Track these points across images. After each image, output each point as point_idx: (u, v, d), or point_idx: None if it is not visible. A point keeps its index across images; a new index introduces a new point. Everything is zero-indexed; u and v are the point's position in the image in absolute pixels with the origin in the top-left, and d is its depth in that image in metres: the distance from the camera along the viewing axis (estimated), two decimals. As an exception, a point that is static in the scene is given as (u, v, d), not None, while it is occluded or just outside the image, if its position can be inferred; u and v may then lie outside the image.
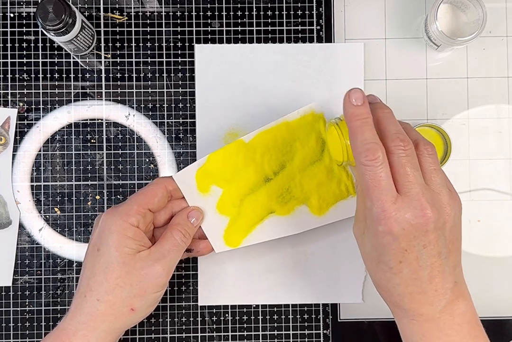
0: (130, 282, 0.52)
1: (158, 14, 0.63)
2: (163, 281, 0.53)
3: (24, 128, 0.62)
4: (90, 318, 0.52)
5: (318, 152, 0.58)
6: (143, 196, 0.55)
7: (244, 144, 0.57)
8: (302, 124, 0.58)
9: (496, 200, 0.63)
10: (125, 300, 0.52)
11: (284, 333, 0.62)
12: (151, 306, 0.54)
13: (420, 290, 0.47)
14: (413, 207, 0.45)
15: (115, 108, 0.63)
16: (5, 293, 0.61)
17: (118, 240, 0.52)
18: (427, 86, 0.63)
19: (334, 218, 0.58)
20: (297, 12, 0.63)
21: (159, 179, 0.57)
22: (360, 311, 0.62)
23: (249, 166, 0.57)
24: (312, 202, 0.58)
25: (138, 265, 0.52)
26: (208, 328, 0.62)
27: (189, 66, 0.63)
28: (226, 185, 0.57)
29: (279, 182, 0.58)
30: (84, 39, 0.59)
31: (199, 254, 0.59)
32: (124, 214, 0.53)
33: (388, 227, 0.45)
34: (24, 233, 0.62)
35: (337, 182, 0.58)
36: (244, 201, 0.58)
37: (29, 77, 0.63)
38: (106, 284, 0.52)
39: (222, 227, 0.58)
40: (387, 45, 0.64)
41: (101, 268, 0.52)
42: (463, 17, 0.61)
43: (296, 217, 0.58)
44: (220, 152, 0.57)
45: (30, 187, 0.62)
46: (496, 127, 0.63)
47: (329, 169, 0.58)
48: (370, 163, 0.45)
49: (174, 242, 0.54)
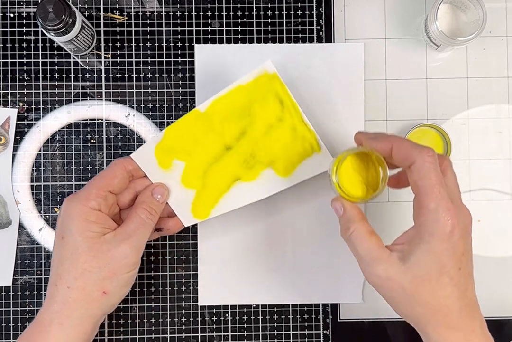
0: (98, 265, 0.51)
1: (158, 14, 0.63)
2: (132, 260, 0.52)
3: (24, 128, 0.62)
4: (63, 306, 0.51)
5: (278, 112, 0.57)
6: (102, 178, 0.54)
7: (201, 114, 0.56)
8: (258, 86, 0.57)
9: (496, 200, 0.63)
10: (95, 284, 0.51)
11: (284, 333, 0.62)
12: (125, 286, 0.54)
13: (467, 302, 0.47)
14: (461, 208, 0.47)
15: (115, 108, 0.63)
16: (5, 293, 0.61)
17: (80, 225, 0.51)
18: (427, 86, 0.63)
19: (301, 177, 0.57)
20: (297, 12, 0.63)
21: (117, 159, 0.56)
22: (360, 311, 0.62)
23: (208, 136, 0.57)
24: (277, 163, 0.57)
25: (104, 247, 0.52)
26: (208, 328, 0.62)
27: (189, 66, 0.63)
28: (187, 158, 0.57)
29: (241, 148, 0.57)
30: (84, 39, 0.59)
31: (170, 232, 0.59)
32: (84, 198, 0.53)
33: (454, 227, 0.45)
34: (24, 233, 0.62)
35: (301, 140, 0.57)
36: (208, 172, 0.57)
37: (29, 77, 0.63)
38: (74, 271, 0.51)
39: (189, 201, 0.57)
40: (387, 45, 0.64)
41: (67, 255, 0.52)
42: (463, 17, 0.61)
43: (263, 181, 0.57)
44: (176, 125, 0.56)
45: (30, 187, 0.62)
46: (496, 127, 0.63)
47: (292, 128, 0.57)
48: (432, 159, 0.46)
49: (140, 220, 0.53)
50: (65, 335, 0.51)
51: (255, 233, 0.62)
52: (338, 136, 0.62)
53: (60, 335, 0.51)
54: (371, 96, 0.63)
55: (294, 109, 0.57)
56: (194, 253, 0.62)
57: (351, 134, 0.62)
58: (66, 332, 0.51)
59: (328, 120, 0.62)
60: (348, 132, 0.62)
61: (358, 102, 0.63)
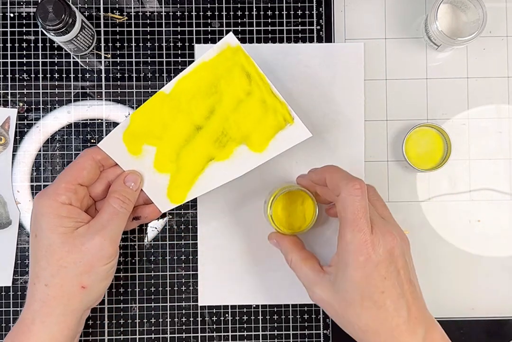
0: (73, 261, 0.50)
1: (158, 14, 0.63)
2: (108, 252, 0.51)
3: (24, 128, 0.62)
4: (43, 305, 0.51)
5: (246, 86, 0.55)
6: (70, 171, 0.53)
7: (166, 96, 0.55)
8: (222, 61, 0.54)
9: (496, 200, 0.63)
10: (72, 280, 0.51)
11: (284, 333, 0.62)
12: (104, 279, 0.53)
13: (404, 320, 0.48)
14: (383, 235, 0.48)
15: (115, 108, 0.63)
16: (5, 293, 0.61)
17: (52, 221, 0.51)
18: (427, 86, 0.63)
19: (275, 151, 0.55)
20: (297, 12, 0.63)
21: (85, 150, 0.55)
22: (360, 311, 0.62)
23: (177, 118, 0.55)
24: (251, 139, 0.55)
25: (78, 242, 0.51)
26: (208, 328, 0.62)
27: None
28: (158, 142, 0.56)
29: (212, 127, 0.55)
30: (84, 39, 0.59)
31: (148, 220, 0.58)
32: (53, 193, 0.52)
33: (369, 255, 0.47)
34: (24, 233, 0.62)
35: (273, 112, 0.55)
36: (180, 154, 0.56)
37: (29, 77, 0.63)
38: (50, 268, 0.51)
39: (164, 186, 0.56)
40: (387, 45, 0.64)
41: (42, 253, 0.51)
42: (463, 17, 0.61)
43: (237, 159, 0.56)
44: (142, 109, 0.55)
45: (30, 187, 0.62)
46: (496, 127, 0.63)
47: (261, 101, 0.55)
48: (358, 192, 0.48)
49: (113, 210, 0.52)
50: (48, 333, 0.51)
51: (255, 233, 0.62)
52: (338, 136, 0.62)
53: (43, 334, 0.51)
54: (371, 96, 0.63)
55: (262, 81, 0.54)
56: (194, 253, 0.62)
57: (352, 134, 0.63)
58: (49, 329, 0.51)
59: (328, 120, 0.62)
60: (348, 132, 0.62)
61: (358, 102, 0.63)
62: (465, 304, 0.62)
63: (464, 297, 0.62)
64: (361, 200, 0.48)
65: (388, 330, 0.48)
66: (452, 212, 0.63)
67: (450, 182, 0.63)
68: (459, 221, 0.63)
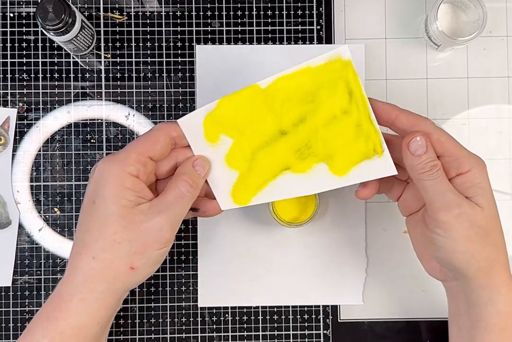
0: (128, 238, 0.47)
1: (158, 14, 0.63)
2: (167, 236, 0.48)
3: (24, 128, 0.62)
4: (86, 279, 0.47)
5: (345, 104, 0.50)
6: (143, 142, 0.49)
7: (261, 91, 0.51)
8: (328, 71, 0.50)
9: (496, 200, 0.63)
10: (123, 258, 0.47)
11: (284, 334, 0.62)
12: (154, 264, 0.49)
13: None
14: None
15: (115, 108, 0.63)
16: (5, 293, 0.61)
17: (115, 191, 0.47)
18: (427, 86, 0.63)
19: (355, 179, 0.51)
20: (297, 12, 0.63)
21: (161, 124, 0.51)
22: (361, 312, 0.62)
23: (265, 116, 0.51)
24: (334, 160, 0.51)
25: (137, 219, 0.47)
26: (208, 328, 0.62)
27: (189, 66, 0.63)
28: (237, 135, 0.51)
29: (298, 135, 0.51)
30: (84, 39, 0.59)
31: (206, 215, 0.53)
32: (122, 162, 0.48)
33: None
34: (23, 233, 0.62)
35: (365, 139, 0.50)
36: (256, 155, 0.52)
37: (29, 77, 0.62)
38: (102, 241, 0.47)
39: (230, 182, 0.52)
40: (387, 45, 0.64)
41: (97, 222, 0.47)
42: (464, 17, 0.61)
43: (314, 176, 0.51)
44: (232, 97, 0.51)
45: (30, 187, 0.62)
46: (496, 127, 0.63)
47: (357, 124, 0.50)
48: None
49: (179, 192, 0.48)
50: (88, 312, 0.47)
51: (256, 234, 0.62)
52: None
53: (82, 312, 0.47)
54: (371, 96, 0.63)
55: (363, 103, 0.50)
56: (194, 253, 0.62)
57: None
58: (89, 308, 0.47)
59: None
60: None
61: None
62: (465, 304, 0.62)
63: (464, 297, 0.62)
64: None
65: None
66: (452, 212, 0.62)
67: (450, 182, 0.63)
68: (459, 221, 0.62)
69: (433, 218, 0.48)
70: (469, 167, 0.48)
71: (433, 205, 0.48)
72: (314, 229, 0.62)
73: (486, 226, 0.48)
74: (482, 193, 0.48)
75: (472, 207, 0.47)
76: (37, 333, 0.47)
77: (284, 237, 0.62)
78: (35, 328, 0.48)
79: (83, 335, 0.48)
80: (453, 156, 0.48)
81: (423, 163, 0.47)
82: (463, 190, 0.48)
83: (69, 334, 0.47)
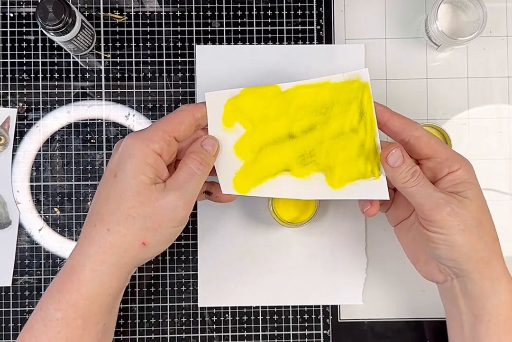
0: (143, 214, 0.48)
1: (158, 14, 0.63)
2: (181, 214, 0.49)
3: (24, 128, 0.62)
4: (98, 250, 0.48)
5: (355, 123, 0.53)
6: (169, 122, 0.50)
7: (280, 92, 0.53)
8: (346, 89, 0.53)
9: (496, 200, 0.63)
10: (137, 233, 0.48)
11: (284, 334, 0.62)
12: (165, 242, 0.50)
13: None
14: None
15: (115, 108, 0.63)
16: (5, 293, 0.61)
17: (137, 165, 0.48)
18: (427, 86, 0.63)
19: (347, 195, 0.53)
20: (297, 12, 0.63)
21: (186, 105, 0.52)
22: (361, 312, 0.62)
23: (279, 117, 0.54)
24: (332, 172, 0.53)
25: (153, 196, 0.48)
26: (208, 328, 0.62)
27: (189, 66, 0.63)
28: (250, 127, 0.54)
29: (304, 142, 0.54)
30: (84, 39, 0.59)
31: (218, 200, 0.55)
32: (147, 139, 0.49)
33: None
34: (23, 233, 0.62)
35: (365, 159, 0.53)
36: (263, 150, 0.54)
37: (29, 77, 0.62)
38: (118, 213, 0.48)
39: (234, 169, 0.54)
40: (387, 45, 0.64)
41: (115, 195, 0.48)
42: (464, 17, 0.61)
43: (310, 183, 0.54)
44: (255, 90, 0.53)
45: (30, 187, 0.62)
46: (497, 127, 0.63)
47: (361, 143, 0.53)
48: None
49: (190, 170, 0.49)
50: (99, 282, 0.48)
51: (256, 234, 0.62)
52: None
53: (93, 283, 0.48)
54: (371, 96, 0.63)
55: (371, 126, 0.52)
56: (194, 253, 0.62)
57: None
58: (99, 279, 0.48)
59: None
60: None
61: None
62: (465, 304, 0.62)
63: (464, 297, 0.62)
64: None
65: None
66: (452, 212, 0.62)
67: (450, 182, 0.63)
68: (459, 221, 0.63)
69: (427, 219, 0.49)
70: (459, 165, 0.50)
71: (423, 208, 0.49)
72: (314, 229, 0.62)
73: (478, 217, 0.49)
74: (471, 187, 0.50)
75: (461, 201, 0.49)
76: (50, 307, 0.48)
77: (284, 237, 0.62)
78: (48, 302, 0.49)
79: (95, 306, 0.49)
80: (444, 156, 0.51)
81: (404, 172, 0.49)
82: (453, 186, 0.50)
83: (81, 305, 0.48)
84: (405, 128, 0.51)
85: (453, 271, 0.51)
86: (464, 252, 0.49)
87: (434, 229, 0.49)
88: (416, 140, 0.51)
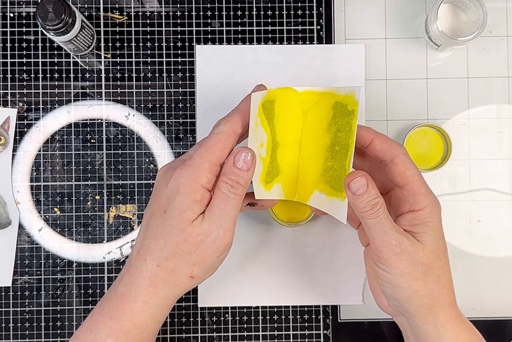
0: (188, 250, 0.48)
1: (158, 14, 0.63)
2: (222, 244, 0.48)
3: (24, 128, 0.62)
4: (150, 284, 0.48)
5: (340, 141, 0.50)
6: (214, 150, 0.48)
7: (297, 94, 0.52)
8: (343, 104, 0.50)
9: (496, 200, 0.63)
10: (184, 268, 0.48)
11: (284, 334, 0.62)
12: (211, 270, 0.51)
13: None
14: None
15: (115, 108, 0.63)
16: (5, 293, 0.61)
17: (185, 203, 0.47)
18: (427, 86, 0.63)
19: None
20: (297, 12, 0.63)
21: (224, 124, 0.49)
22: (361, 312, 0.62)
23: (296, 121, 0.52)
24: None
25: (195, 232, 0.47)
26: (208, 328, 0.62)
27: (189, 66, 0.63)
28: (268, 129, 0.51)
29: (305, 153, 0.53)
30: (84, 39, 0.59)
31: (262, 208, 0.54)
32: (195, 173, 0.47)
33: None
34: (23, 233, 0.62)
35: (337, 179, 0.50)
36: (273, 152, 0.52)
37: (29, 77, 0.62)
38: (166, 250, 0.48)
39: (258, 171, 0.51)
40: (387, 45, 0.64)
41: (164, 232, 0.48)
42: (464, 17, 0.61)
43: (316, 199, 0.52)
44: (278, 91, 0.51)
45: (30, 187, 0.62)
46: (497, 127, 0.63)
47: (337, 163, 0.51)
48: (407, 152, 0.51)
49: (223, 196, 0.48)
50: (151, 313, 0.49)
51: (256, 234, 0.62)
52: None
53: (146, 314, 0.49)
54: (371, 96, 0.63)
55: (350, 149, 0.49)
56: (194, 253, 0.62)
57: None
58: (151, 310, 0.49)
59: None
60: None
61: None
62: (465, 304, 0.62)
63: (464, 297, 0.62)
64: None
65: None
66: (452, 212, 0.62)
67: (450, 182, 0.63)
68: (459, 221, 0.63)
69: (376, 254, 0.48)
70: (424, 205, 0.49)
71: (375, 242, 0.48)
72: (314, 229, 0.62)
73: (427, 263, 0.48)
74: (428, 231, 0.48)
75: (413, 244, 0.47)
76: (101, 331, 0.49)
77: (284, 237, 0.62)
78: (98, 326, 0.49)
79: (146, 334, 0.50)
80: (411, 191, 0.49)
81: (364, 202, 0.47)
82: (411, 226, 0.49)
83: (133, 333, 0.49)
84: (386, 152, 0.50)
85: (398, 310, 0.51)
86: (406, 295, 0.48)
87: (381, 265, 0.48)
88: (392, 166, 0.49)
